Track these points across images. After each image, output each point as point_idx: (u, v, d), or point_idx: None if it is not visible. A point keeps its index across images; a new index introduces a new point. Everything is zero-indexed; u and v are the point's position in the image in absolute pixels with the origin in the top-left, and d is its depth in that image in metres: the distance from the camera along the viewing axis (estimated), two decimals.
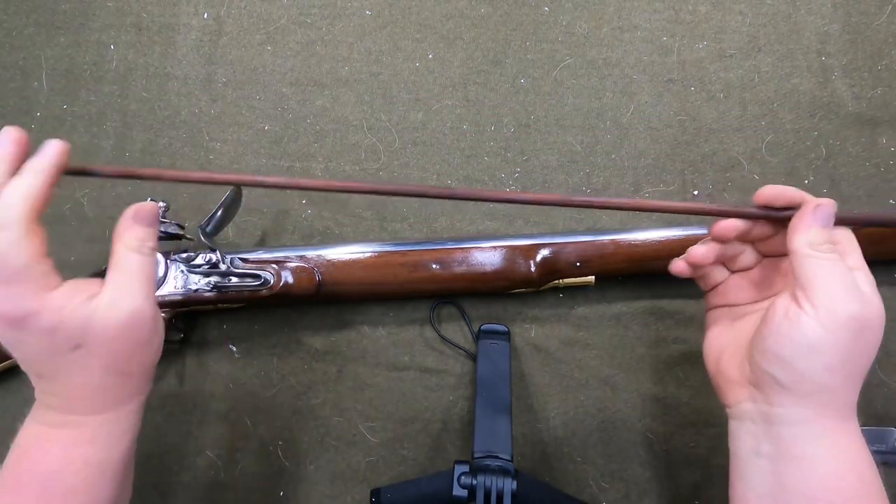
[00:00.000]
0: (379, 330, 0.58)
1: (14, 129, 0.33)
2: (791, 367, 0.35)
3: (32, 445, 0.36)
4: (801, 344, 0.34)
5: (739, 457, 0.38)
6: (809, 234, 0.35)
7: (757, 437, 0.37)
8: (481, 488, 0.43)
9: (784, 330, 0.35)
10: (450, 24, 0.65)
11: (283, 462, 0.56)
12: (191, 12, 0.67)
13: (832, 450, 0.35)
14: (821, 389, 0.35)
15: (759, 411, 0.37)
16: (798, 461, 0.35)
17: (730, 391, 0.39)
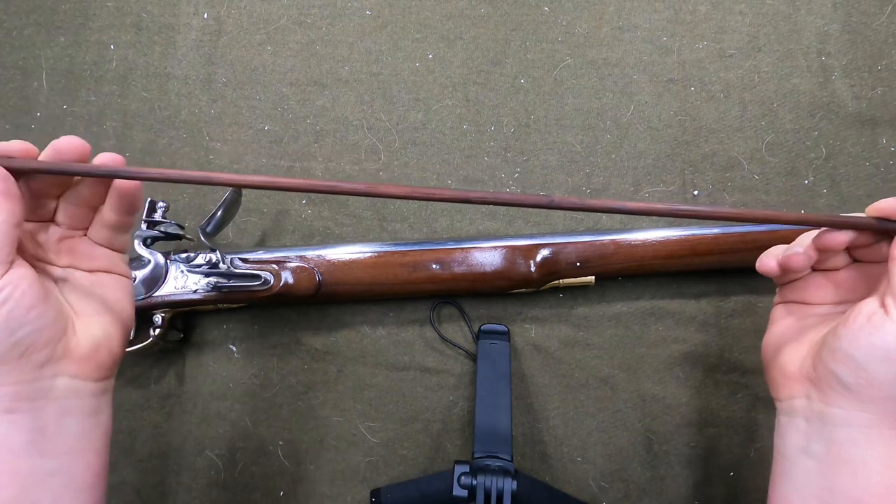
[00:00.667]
0: (379, 330, 0.58)
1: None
2: (862, 369, 0.34)
3: None
4: (879, 348, 0.33)
5: (785, 455, 0.37)
6: None
7: (808, 435, 0.36)
8: (481, 488, 0.43)
9: (864, 333, 0.34)
10: (450, 24, 0.65)
11: (283, 462, 0.56)
12: (191, 12, 0.67)
13: (886, 458, 0.34)
14: (886, 397, 0.34)
15: (814, 409, 0.36)
16: (850, 465, 0.34)
17: (784, 385, 0.38)
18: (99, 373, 0.35)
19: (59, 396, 0.33)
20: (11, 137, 0.67)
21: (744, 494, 0.54)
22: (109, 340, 0.36)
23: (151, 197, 0.55)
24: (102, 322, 0.36)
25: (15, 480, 0.32)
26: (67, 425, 0.34)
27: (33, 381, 0.32)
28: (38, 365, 0.32)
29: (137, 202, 0.36)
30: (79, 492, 0.34)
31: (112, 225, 0.37)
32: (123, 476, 0.56)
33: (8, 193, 0.31)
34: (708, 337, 0.57)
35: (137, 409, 0.57)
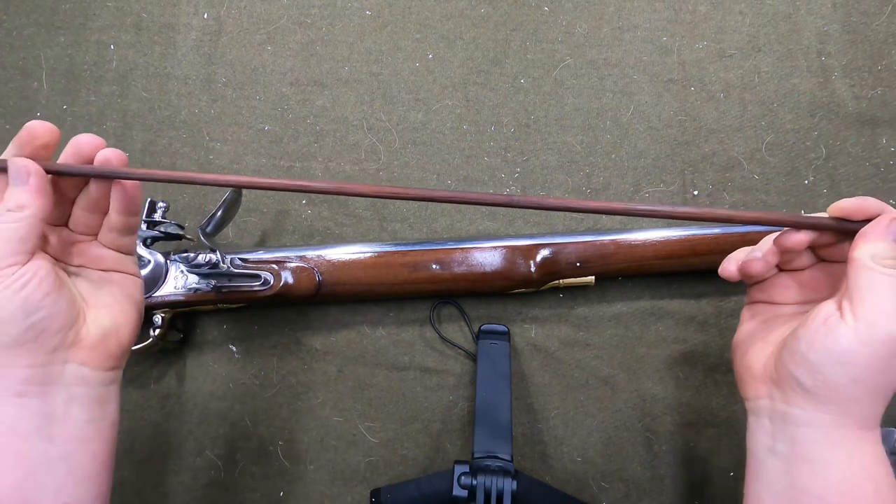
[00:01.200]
0: (379, 330, 0.58)
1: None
2: (818, 372, 0.34)
3: None
4: (833, 352, 0.33)
5: (755, 454, 0.38)
6: (876, 245, 0.34)
7: (773, 434, 0.37)
8: (481, 488, 0.43)
9: (820, 336, 0.34)
10: (450, 24, 0.65)
11: (283, 462, 0.56)
12: (191, 12, 0.67)
13: (847, 457, 0.35)
14: (843, 399, 0.34)
15: (777, 409, 0.37)
16: (812, 464, 0.35)
17: (750, 384, 0.39)
18: (107, 362, 0.36)
19: (68, 383, 0.34)
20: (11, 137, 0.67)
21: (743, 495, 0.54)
22: (118, 331, 0.37)
23: (151, 197, 0.55)
24: (112, 313, 0.38)
25: (21, 464, 0.33)
26: (75, 412, 0.34)
27: (45, 365, 0.33)
28: (51, 350, 0.33)
29: (137, 202, 0.38)
30: (83, 480, 0.35)
31: (118, 227, 0.38)
32: (123, 476, 0.56)
33: (41, 191, 0.34)
34: (708, 337, 0.57)
35: (137, 409, 0.57)
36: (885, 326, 0.33)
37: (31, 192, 0.33)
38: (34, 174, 0.34)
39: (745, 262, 0.39)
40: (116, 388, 0.38)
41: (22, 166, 0.34)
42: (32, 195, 0.33)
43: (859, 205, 0.35)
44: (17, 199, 0.33)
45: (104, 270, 0.39)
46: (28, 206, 0.33)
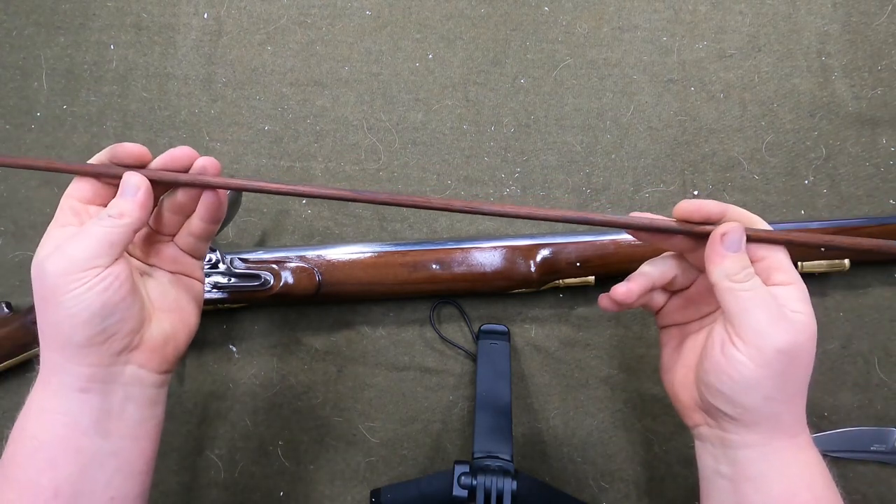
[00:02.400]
0: (379, 330, 0.58)
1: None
2: (733, 401, 0.35)
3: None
4: (738, 381, 0.34)
5: (705, 476, 0.39)
6: (724, 265, 0.34)
7: (717, 458, 0.37)
8: (481, 488, 0.43)
9: (722, 366, 0.35)
10: (450, 24, 0.65)
11: (283, 462, 0.56)
12: (191, 12, 0.67)
13: (784, 468, 0.36)
14: (765, 417, 0.35)
15: (715, 435, 0.37)
16: (753, 481, 0.36)
17: (687, 415, 0.39)
18: (162, 366, 0.37)
19: (125, 382, 0.35)
20: (11, 137, 0.67)
21: None
22: (177, 336, 0.39)
23: None
24: (173, 318, 0.39)
25: (77, 457, 0.34)
26: (129, 411, 0.36)
27: (109, 365, 0.34)
28: (116, 352, 0.34)
29: (223, 211, 0.39)
30: (131, 476, 0.36)
31: (198, 233, 0.40)
32: None
33: (144, 205, 0.36)
34: None
35: None
36: (771, 343, 0.33)
37: (135, 204, 0.35)
38: (143, 190, 0.36)
39: (612, 290, 0.39)
40: (166, 391, 0.39)
41: (134, 182, 0.36)
42: (135, 207, 0.35)
43: (697, 207, 0.36)
44: (119, 208, 0.35)
45: (173, 273, 0.40)
46: (128, 215, 0.35)
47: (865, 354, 0.55)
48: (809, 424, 0.55)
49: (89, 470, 0.34)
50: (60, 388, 0.34)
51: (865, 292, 0.57)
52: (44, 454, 0.33)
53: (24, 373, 0.58)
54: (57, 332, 0.33)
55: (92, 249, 0.33)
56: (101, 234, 0.34)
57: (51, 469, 0.33)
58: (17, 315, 0.55)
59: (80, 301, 0.32)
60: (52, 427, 0.34)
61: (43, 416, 0.34)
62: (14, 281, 0.61)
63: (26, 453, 0.34)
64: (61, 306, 0.33)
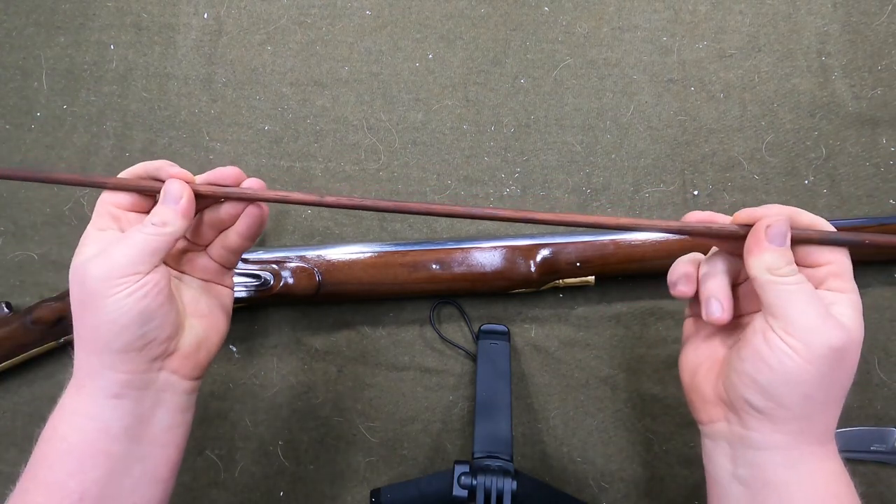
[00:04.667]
0: (379, 330, 0.58)
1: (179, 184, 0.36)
2: (768, 394, 0.33)
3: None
4: (780, 372, 0.32)
5: (716, 480, 0.37)
6: (765, 258, 0.33)
7: (734, 460, 0.35)
8: (481, 488, 0.43)
9: (764, 355, 0.33)
10: (450, 24, 0.65)
11: (283, 462, 0.56)
12: (191, 12, 0.67)
13: (809, 477, 0.34)
14: (798, 417, 0.33)
15: (735, 433, 0.35)
16: (775, 488, 0.34)
17: (703, 409, 0.37)
18: (195, 371, 0.38)
19: (158, 389, 0.36)
20: (12, 137, 0.67)
21: None
22: (209, 342, 0.39)
23: None
24: (205, 324, 0.39)
25: (106, 462, 0.34)
26: (159, 417, 0.36)
27: (144, 372, 0.35)
28: (153, 358, 0.35)
29: (263, 227, 0.40)
30: (156, 482, 0.36)
31: (233, 247, 0.40)
32: None
33: (186, 213, 0.36)
34: None
35: None
36: (821, 340, 0.31)
37: (177, 213, 0.35)
38: (186, 198, 0.35)
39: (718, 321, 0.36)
40: (195, 397, 0.39)
41: (177, 189, 0.35)
42: (177, 216, 0.35)
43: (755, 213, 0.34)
44: (162, 216, 0.35)
45: (204, 280, 0.41)
46: (171, 224, 0.35)
47: (865, 354, 0.55)
48: None
49: (116, 475, 0.34)
50: (94, 393, 0.34)
51: (865, 292, 0.57)
52: (73, 457, 0.33)
53: (25, 372, 0.58)
54: (96, 336, 0.33)
55: (134, 256, 0.33)
56: (143, 241, 0.34)
57: (79, 472, 0.33)
58: (17, 315, 0.55)
59: (120, 306, 0.33)
60: (83, 430, 0.34)
61: (75, 418, 0.34)
62: (14, 281, 0.61)
63: (56, 455, 0.34)
64: (102, 311, 0.33)
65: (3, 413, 0.58)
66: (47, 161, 0.63)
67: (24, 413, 0.58)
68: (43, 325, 0.54)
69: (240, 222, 0.39)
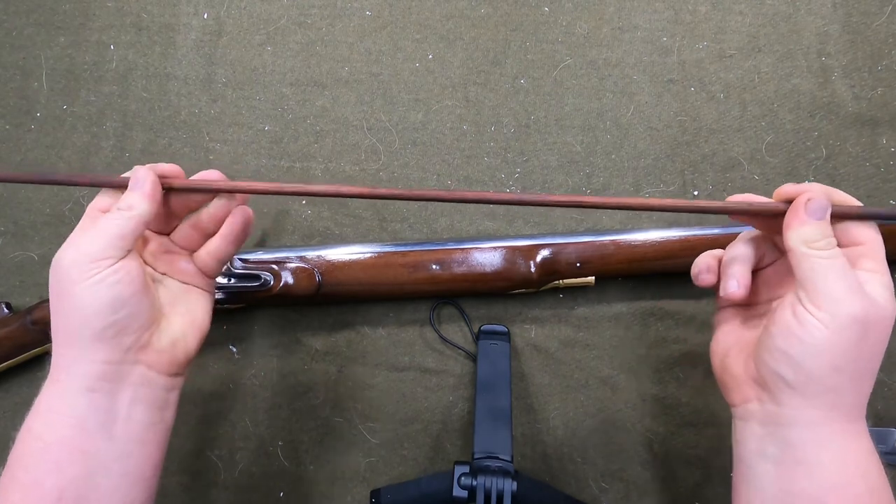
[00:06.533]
0: (379, 330, 0.58)
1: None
2: (799, 366, 0.33)
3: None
4: (809, 344, 0.33)
5: (744, 460, 0.37)
6: (803, 230, 0.34)
7: (763, 439, 0.36)
8: (481, 489, 0.43)
9: (793, 329, 0.33)
10: (450, 24, 0.65)
11: (283, 462, 0.56)
12: (191, 12, 0.67)
13: (840, 455, 0.34)
14: (828, 390, 0.33)
15: (766, 412, 0.36)
16: (805, 466, 0.34)
17: (736, 390, 0.38)
18: (172, 367, 0.38)
19: (134, 383, 0.36)
20: (11, 137, 0.67)
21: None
22: (186, 341, 0.39)
23: None
24: (183, 323, 0.39)
25: (82, 460, 0.33)
26: (137, 414, 0.35)
27: (118, 363, 0.35)
28: (126, 349, 0.35)
29: (248, 232, 0.41)
30: (137, 482, 0.36)
31: (217, 254, 0.41)
32: None
33: (151, 196, 0.36)
34: (708, 337, 0.56)
35: None
36: (847, 311, 0.32)
37: (142, 196, 0.36)
38: (150, 182, 0.36)
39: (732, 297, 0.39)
40: (176, 395, 0.39)
41: (142, 174, 0.37)
42: (142, 199, 0.36)
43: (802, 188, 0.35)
44: (128, 201, 0.36)
45: (184, 283, 0.41)
46: (136, 207, 0.35)
47: None
48: None
49: (95, 474, 0.34)
50: (69, 388, 0.34)
51: None
52: (50, 456, 0.33)
53: (25, 373, 0.58)
54: (69, 324, 0.34)
55: (103, 241, 0.34)
56: (111, 226, 0.35)
57: (56, 471, 0.33)
58: (17, 315, 0.55)
59: (92, 292, 0.33)
60: (58, 428, 0.34)
61: (50, 415, 0.34)
62: (14, 281, 0.61)
63: (32, 454, 0.34)
64: (74, 297, 0.33)
65: (3, 413, 0.58)
66: (47, 161, 0.63)
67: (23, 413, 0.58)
68: (43, 325, 0.54)
69: (225, 226, 0.40)
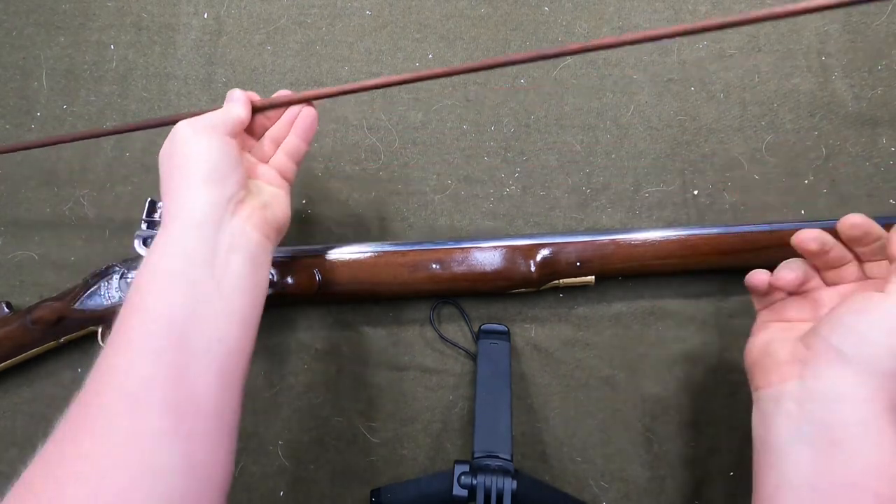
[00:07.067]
0: (379, 330, 0.58)
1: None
2: (864, 339, 0.35)
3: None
4: (882, 320, 0.35)
5: (772, 445, 0.37)
6: None
7: (799, 419, 0.36)
8: (481, 488, 0.43)
9: (870, 307, 0.35)
10: (450, 24, 0.65)
11: (283, 462, 0.56)
12: (191, 12, 0.67)
13: (879, 436, 0.34)
14: (881, 371, 0.34)
15: (806, 389, 0.36)
16: (842, 447, 0.34)
17: (775, 370, 0.39)
18: (264, 228, 0.42)
19: (232, 233, 0.40)
20: (12, 137, 0.67)
21: (744, 494, 0.54)
22: (274, 209, 0.44)
23: (152, 197, 0.55)
24: (269, 195, 0.45)
25: (191, 290, 0.37)
26: (234, 261, 0.39)
27: (220, 207, 0.40)
28: (227, 198, 0.40)
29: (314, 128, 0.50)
30: (236, 324, 0.38)
31: (291, 151, 0.49)
32: None
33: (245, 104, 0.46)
34: (708, 337, 0.57)
35: None
36: None
37: (238, 103, 0.45)
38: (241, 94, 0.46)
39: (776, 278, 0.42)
40: (268, 259, 0.43)
41: (237, 94, 0.46)
42: (238, 105, 0.45)
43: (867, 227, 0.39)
44: (228, 108, 0.45)
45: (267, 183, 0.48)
46: (234, 110, 0.45)
47: None
48: None
49: (200, 305, 0.36)
50: (178, 228, 0.38)
51: None
52: (161, 283, 0.37)
53: (25, 373, 0.58)
54: (181, 173, 0.40)
55: (212, 120, 0.42)
56: (217, 114, 0.44)
57: (168, 296, 0.36)
58: (17, 315, 0.55)
59: (202, 145, 0.41)
60: (170, 260, 0.37)
61: (162, 249, 0.38)
62: (14, 281, 0.61)
63: (147, 282, 0.37)
64: (189, 150, 0.40)
65: (3, 413, 0.58)
66: (47, 161, 0.63)
67: (24, 413, 0.58)
68: (43, 325, 0.54)
69: (295, 125, 0.49)
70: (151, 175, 0.63)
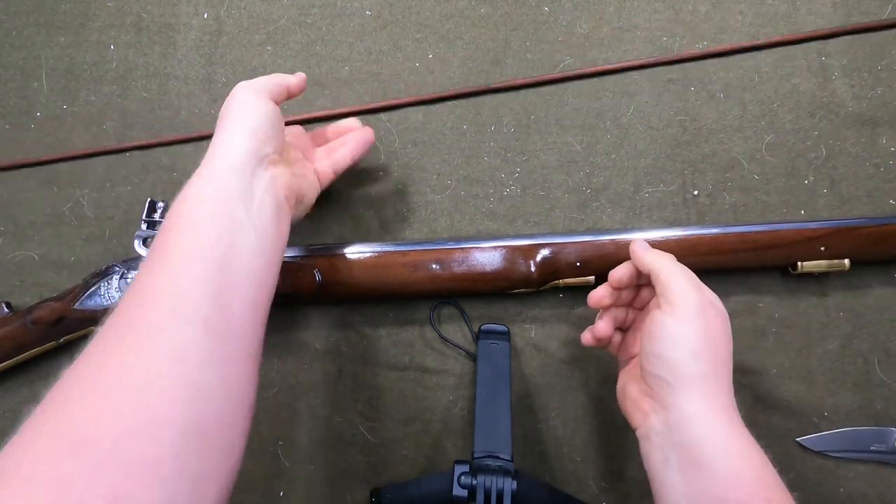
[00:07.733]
0: (379, 330, 0.58)
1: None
2: (665, 360, 0.40)
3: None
4: (666, 338, 0.40)
5: (654, 476, 0.40)
6: (648, 250, 0.46)
7: (663, 449, 0.39)
8: (481, 488, 0.43)
9: (655, 332, 0.41)
10: (450, 24, 0.65)
11: (283, 462, 0.56)
12: (191, 12, 0.67)
13: (727, 445, 0.37)
14: (695, 378, 0.39)
15: (661, 420, 0.40)
16: (701, 465, 0.37)
17: (635, 411, 0.43)
18: (288, 189, 0.45)
19: (266, 179, 0.43)
20: (11, 137, 0.67)
21: None
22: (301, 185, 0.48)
23: (151, 197, 0.55)
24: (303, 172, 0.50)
25: (229, 219, 0.39)
26: (267, 203, 0.42)
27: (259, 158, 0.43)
28: (265, 154, 0.44)
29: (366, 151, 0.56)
30: (267, 260, 0.41)
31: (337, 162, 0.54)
32: None
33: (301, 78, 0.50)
34: None
35: None
36: (692, 300, 0.40)
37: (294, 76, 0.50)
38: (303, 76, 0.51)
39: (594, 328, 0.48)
40: (288, 218, 0.45)
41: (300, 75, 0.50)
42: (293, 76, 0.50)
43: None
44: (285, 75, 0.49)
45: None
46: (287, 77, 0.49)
47: (865, 354, 0.55)
48: (809, 424, 0.55)
49: (238, 235, 0.39)
50: (222, 166, 0.41)
51: (865, 292, 0.57)
52: (208, 208, 0.39)
53: (25, 373, 0.58)
54: (232, 123, 0.44)
55: (264, 84, 0.47)
56: (271, 78, 0.48)
57: (211, 221, 0.38)
58: (17, 315, 0.55)
59: (254, 104, 0.45)
60: (212, 189, 0.40)
61: (206, 181, 0.41)
62: (14, 281, 0.61)
63: (192, 209, 0.39)
64: (244, 104, 0.45)
65: (2, 413, 0.58)
66: None
67: (24, 413, 0.58)
68: (43, 325, 0.54)
69: (352, 139, 0.55)
70: (151, 175, 0.63)
